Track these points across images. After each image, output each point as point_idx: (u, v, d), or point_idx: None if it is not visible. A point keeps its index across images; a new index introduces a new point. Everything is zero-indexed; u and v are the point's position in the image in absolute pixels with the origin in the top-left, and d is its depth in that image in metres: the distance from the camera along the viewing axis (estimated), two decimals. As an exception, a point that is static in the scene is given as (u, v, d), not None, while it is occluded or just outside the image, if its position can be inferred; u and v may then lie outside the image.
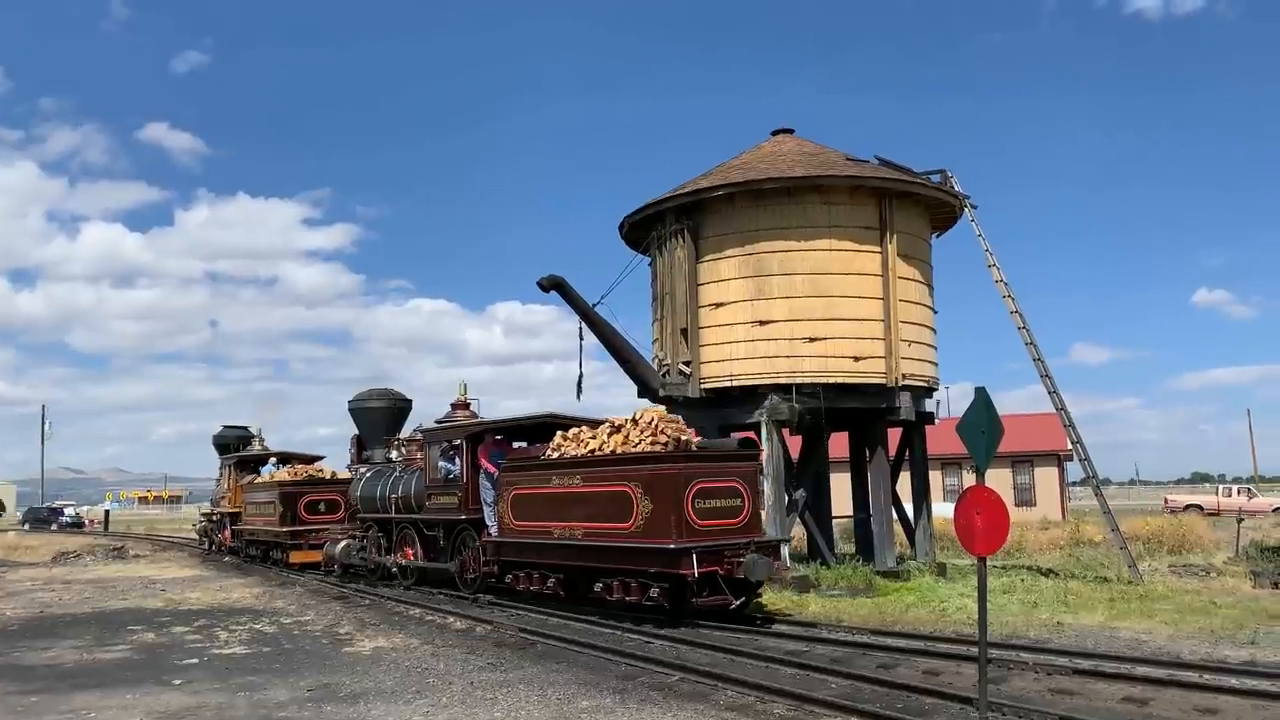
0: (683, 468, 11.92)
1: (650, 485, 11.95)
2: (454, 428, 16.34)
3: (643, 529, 11.93)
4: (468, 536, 15.49)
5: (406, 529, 17.25)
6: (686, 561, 11.42)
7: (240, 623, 13.44)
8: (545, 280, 18.66)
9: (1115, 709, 7.38)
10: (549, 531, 13.47)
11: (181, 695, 8.82)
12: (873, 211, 18.74)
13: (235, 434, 30.25)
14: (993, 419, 6.39)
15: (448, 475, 15.78)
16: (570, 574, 13.40)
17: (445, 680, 9.13)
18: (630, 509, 12.13)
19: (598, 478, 12.84)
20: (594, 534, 12.74)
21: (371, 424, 20.68)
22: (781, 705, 7.73)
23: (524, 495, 14.09)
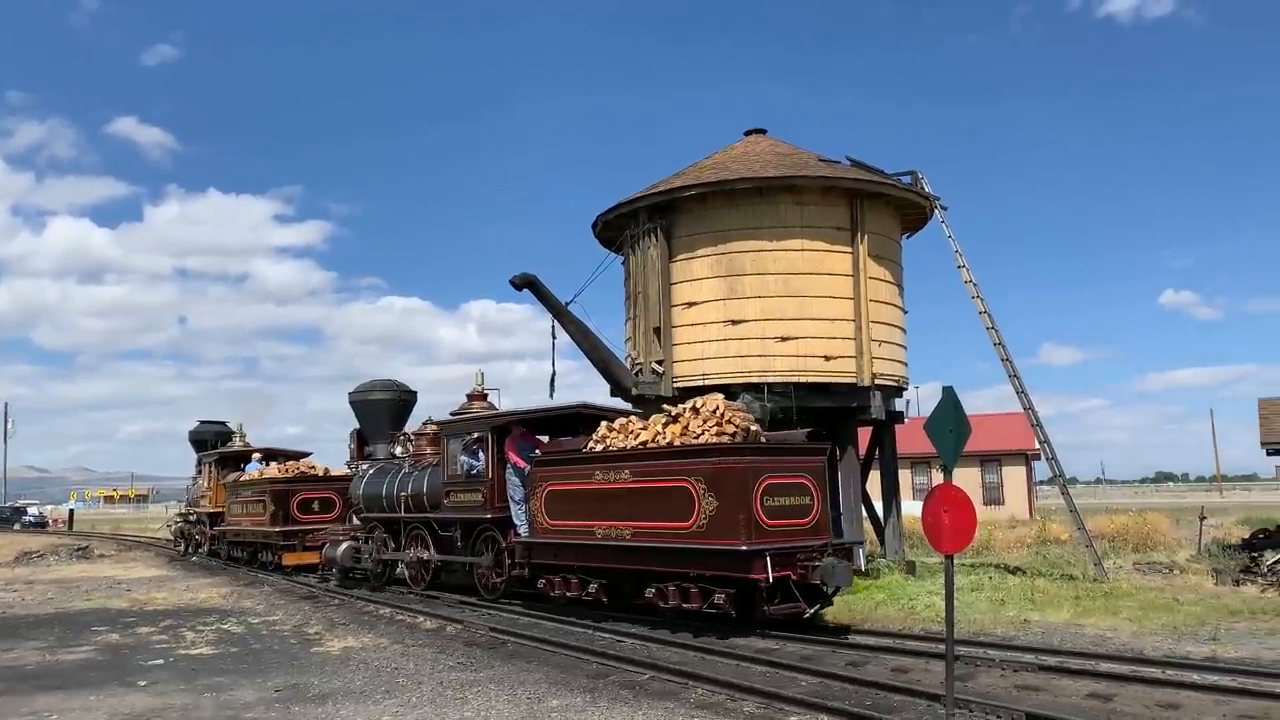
0: (752, 461, 10.82)
1: (716, 480, 10.81)
2: (477, 419, 15.14)
3: (705, 529, 10.82)
4: (491, 537, 14.48)
5: (418, 530, 16.31)
6: (759, 565, 10.35)
7: (207, 623, 13.30)
8: (518, 278, 18.61)
9: (1080, 705, 7.47)
10: (590, 531, 12.31)
11: (146, 696, 8.71)
12: (844, 212, 18.86)
13: (214, 430, 28.99)
14: (960, 418, 6.45)
15: (470, 471, 14.60)
16: (614, 578, 12.29)
17: (415, 680, 9.09)
18: (691, 507, 11.03)
19: (651, 472, 11.66)
20: (646, 534, 11.58)
21: (374, 417, 19.53)
22: (752, 703, 7.76)
23: (561, 492, 12.93)
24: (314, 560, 19.42)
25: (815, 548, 10.90)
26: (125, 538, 41.00)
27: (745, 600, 10.81)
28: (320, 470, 21.89)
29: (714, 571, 10.80)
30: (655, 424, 12.10)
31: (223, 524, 24.17)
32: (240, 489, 22.98)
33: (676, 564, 11.23)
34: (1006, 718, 6.97)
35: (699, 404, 11.77)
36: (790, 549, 10.70)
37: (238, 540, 23.16)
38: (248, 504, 22.39)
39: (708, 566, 10.87)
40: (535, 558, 13.35)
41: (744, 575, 10.50)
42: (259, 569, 21.43)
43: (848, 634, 10.96)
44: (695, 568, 11.02)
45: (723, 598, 10.68)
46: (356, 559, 17.59)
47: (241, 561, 22.70)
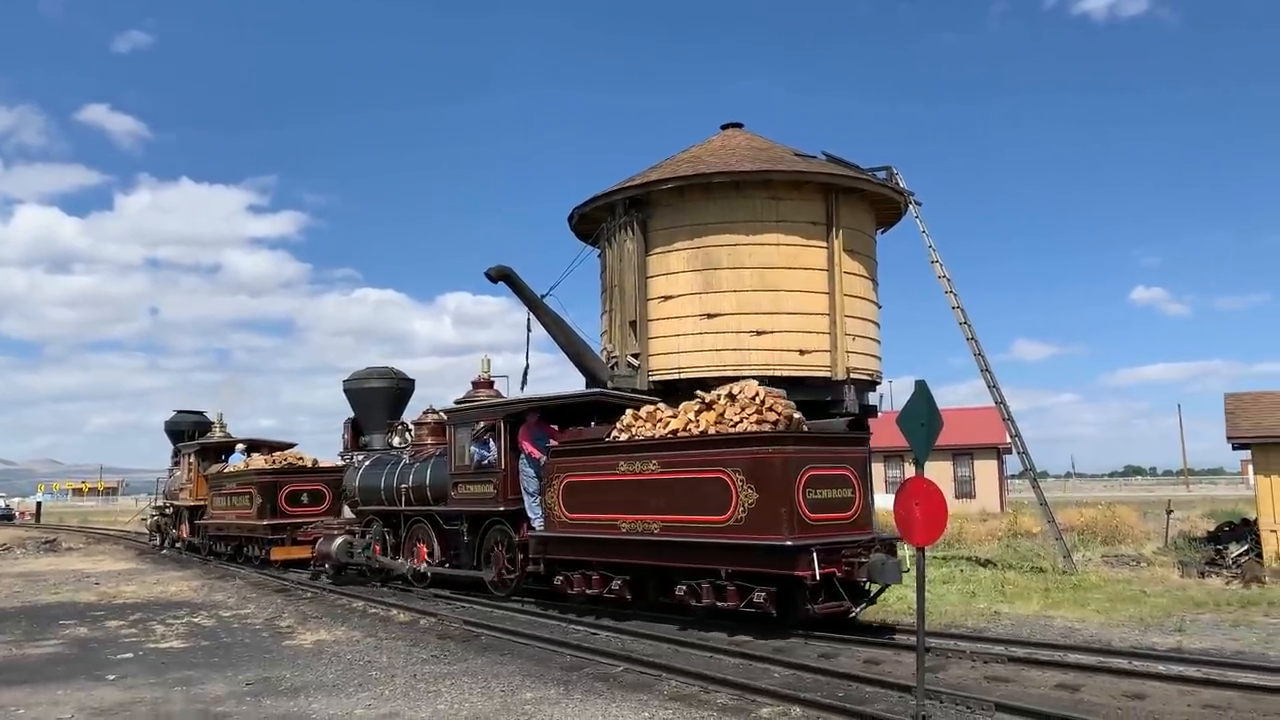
0: (795, 451, 10.19)
1: (755, 471, 10.16)
2: (488, 406, 14.37)
3: (744, 523, 10.19)
4: (502, 531, 13.72)
5: (420, 524, 15.49)
6: (804, 561, 9.74)
7: (177, 616, 13.18)
8: (493, 271, 18.56)
9: (1048, 695, 7.57)
10: (615, 525, 11.62)
11: (115, 690, 8.63)
12: (819, 207, 18.94)
13: (191, 420, 27.71)
14: (932, 412, 6.50)
15: (480, 461, 13.78)
16: (639, 574, 11.66)
17: (388, 673, 9.06)
18: (728, 499, 10.35)
19: (683, 462, 10.99)
20: (676, 528, 10.92)
21: (370, 406, 18.66)
22: (724, 695, 7.80)
23: (581, 483, 12.20)
24: (304, 555, 18.57)
25: (860, 543, 10.31)
26: (94, 531, 40.53)
27: (786, 599, 10.22)
28: (309, 461, 21.04)
29: (753, 568, 10.20)
30: (687, 411, 11.40)
31: (205, 517, 23.11)
32: (224, 481, 22.00)
33: (711, 560, 10.57)
34: (977, 708, 7.05)
35: (735, 390, 11.09)
36: (834, 544, 10.08)
37: (221, 534, 22.21)
38: (232, 496, 21.45)
39: (746, 563, 10.24)
40: (551, 553, 12.63)
41: (787, 572, 9.88)
42: (244, 564, 20.59)
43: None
44: (732, 564, 10.36)
45: (763, 596, 10.02)
46: (351, 554, 16.77)
47: (225, 556, 21.78)
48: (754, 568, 10.19)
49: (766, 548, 10.00)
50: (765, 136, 21.14)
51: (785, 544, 9.80)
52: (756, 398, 10.77)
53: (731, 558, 10.37)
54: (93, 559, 24.88)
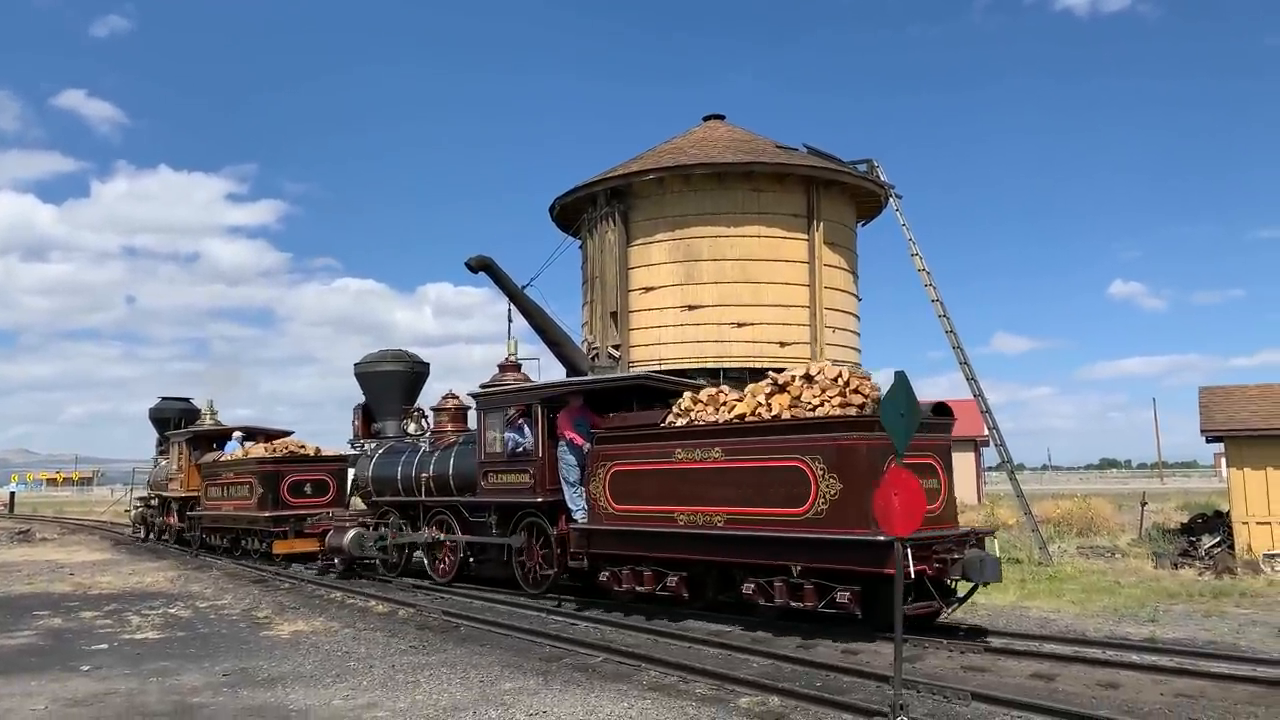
0: (883, 437, 8.99)
1: (840, 459, 9.31)
2: (525, 390, 13.50)
3: (825, 515, 9.33)
4: (536, 524, 12.86)
5: (442, 516, 14.61)
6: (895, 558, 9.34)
7: (153, 607, 13.08)
8: (474, 260, 18.48)
9: (1024, 684, 7.64)
10: (670, 517, 10.78)
11: (90, 681, 8.55)
12: (800, 199, 18.99)
13: (177, 407, 26.73)
14: (911, 403, 6.53)
15: (515, 449, 12.93)
16: (697, 571, 10.89)
17: (366, 663, 9.03)
18: (806, 490, 9.48)
19: (752, 450, 10.09)
20: (744, 521, 10.03)
21: (383, 391, 17.77)
22: (703, 685, 7.82)
23: (631, 473, 11.32)
24: (310, 548, 17.66)
25: (951, 538, 9.57)
26: (69, 521, 40.16)
27: (870, 599, 9.37)
28: (311, 450, 19.94)
29: (835, 565, 9.36)
30: (757, 394, 10.44)
31: (198, 509, 21.85)
32: (220, 470, 20.79)
33: (784, 556, 9.72)
34: (953, 698, 7.10)
35: (813, 371, 10.21)
36: (926, 539, 9.18)
37: (216, 526, 21.03)
38: (229, 486, 20.24)
39: (827, 559, 9.39)
40: (595, 547, 11.73)
41: (876, 570, 8.99)
42: (241, 557, 19.56)
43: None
44: (809, 560, 9.53)
45: (846, 596, 9.20)
46: (364, 547, 15.77)
47: (219, 550, 20.70)
48: (836, 564, 9.34)
49: (852, 543, 9.12)
50: (747, 129, 21.16)
51: (877, 539, 8.75)
52: (839, 379, 9.82)
53: (810, 553, 9.51)
54: (67, 550, 24.63)
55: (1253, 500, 15.35)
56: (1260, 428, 15.36)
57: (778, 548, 9.78)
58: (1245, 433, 15.47)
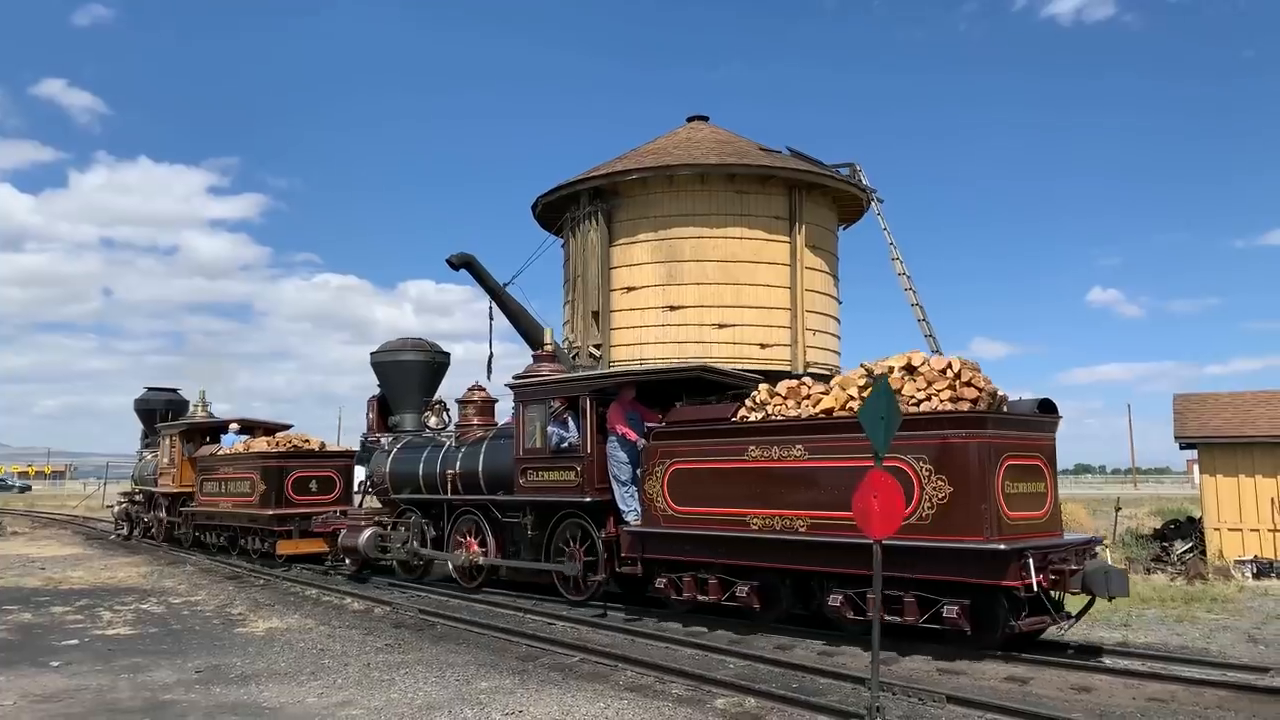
0: (995, 435, 8.51)
1: (948, 459, 8.48)
2: (571, 381, 12.53)
3: (931, 521, 8.51)
4: (579, 525, 11.92)
5: (470, 515, 13.64)
6: (1016, 568, 8.16)
7: (125, 603, 12.95)
8: (455, 258, 18.44)
9: (998, 688, 7.68)
10: (742, 521, 9.90)
11: (60, 677, 8.45)
12: (783, 202, 19.06)
13: (164, 398, 25.74)
14: (891, 406, 6.56)
15: (560, 444, 11.99)
16: (771, 580, 10.03)
17: (341, 661, 8.97)
18: (907, 492, 8.50)
19: (843, 448, 9.15)
20: (831, 526, 9.09)
21: (402, 382, 16.89)
22: (680, 685, 7.82)
23: (694, 471, 10.46)
24: (316, 549, 16.94)
25: (1069, 547, 8.81)
26: (40, 515, 39.71)
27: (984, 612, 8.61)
28: (316, 444, 18.94)
29: (942, 576, 8.51)
30: (847, 385, 9.58)
31: (194, 505, 20.62)
32: (218, 464, 19.70)
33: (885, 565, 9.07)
34: (929, 700, 7.14)
35: (915, 361, 9.23)
36: (1043, 548, 8.51)
37: (211, 524, 19.95)
38: (228, 482, 19.16)
39: (933, 569, 8.52)
40: (651, 551, 10.91)
41: (992, 582, 8.28)
42: (239, 557, 18.54)
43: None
44: (911, 571, 8.62)
45: (955, 611, 8.38)
46: (384, 548, 14.83)
47: (215, 549, 19.64)
48: (944, 575, 8.50)
49: (965, 552, 8.32)
50: (730, 130, 21.20)
51: (998, 547, 8.15)
52: (949, 370, 8.93)
53: (912, 563, 8.59)
54: (38, 544, 24.35)
55: (1224, 506, 15.54)
56: (1232, 435, 15.55)
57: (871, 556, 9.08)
58: (1217, 439, 15.66)
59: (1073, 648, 9.07)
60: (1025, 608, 8.55)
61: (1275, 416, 15.67)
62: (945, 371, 8.93)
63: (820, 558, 9.31)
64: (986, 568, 8.27)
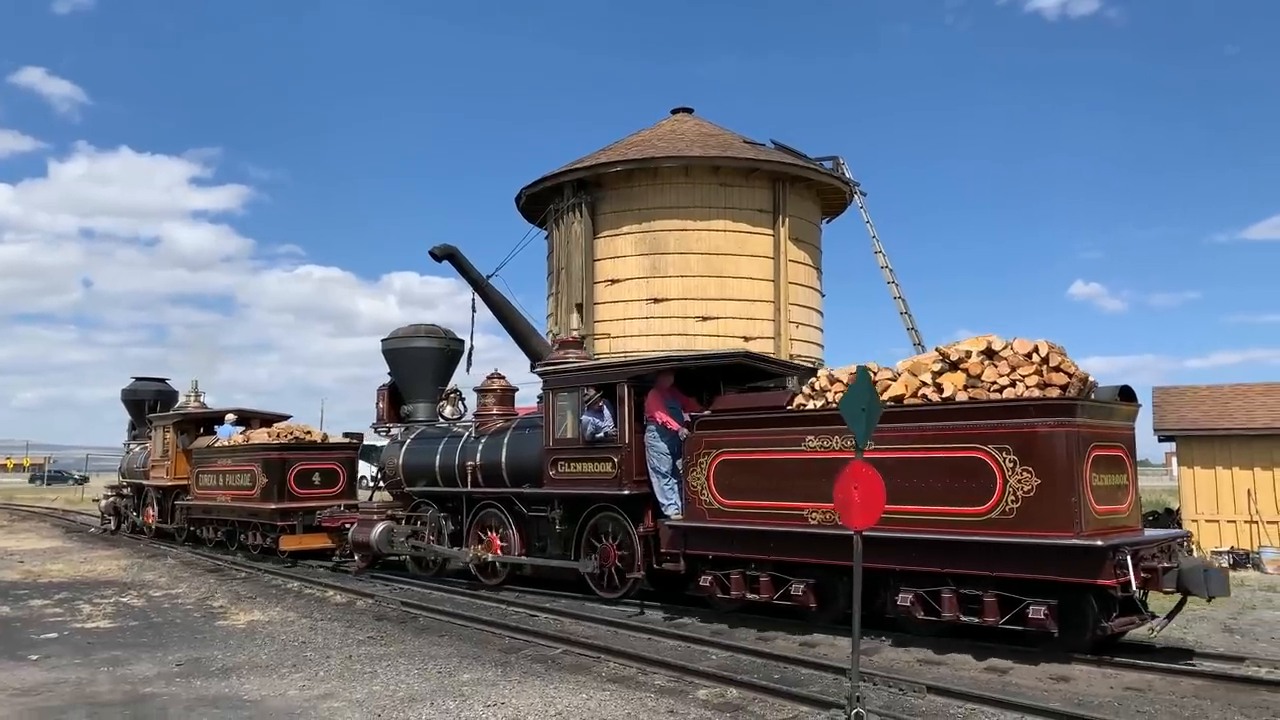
0: (1084, 424, 8.03)
1: (1035, 450, 7.96)
2: (607, 368, 11.97)
3: (1015, 516, 7.99)
4: (614, 519, 11.35)
5: (492, 509, 13.01)
6: (1111, 566, 7.69)
7: (105, 596, 12.87)
8: (438, 249, 18.36)
9: (978, 678, 7.74)
10: (799, 515, 9.35)
11: (38, 670, 8.40)
12: (767, 195, 19.09)
13: (153, 389, 24.80)
14: (872, 398, 6.58)
15: (594, 434, 11.38)
16: (828, 577, 9.48)
17: (323, 654, 8.95)
18: (990, 485, 8.13)
19: (915, 437, 8.63)
20: (901, 521, 8.49)
21: (415, 371, 16.15)
22: (662, 676, 7.85)
23: (743, 463, 9.87)
24: (320, 544, 16.32)
25: (1154, 543, 8.33)
26: (19, 508, 39.36)
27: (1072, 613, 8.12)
28: (318, 436, 18.36)
29: (1028, 574, 8.01)
30: (919, 371, 9.00)
31: (190, 498, 19.87)
32: (215, 457, 18.97)
33: (959, 563, 8.34)
34: (909, 690, 7.19)
35: (996, 345, 8.65)
36: (1135, 544, 8.05)
37: (208, 519, 19.22)
38: (226, 474, 18.42)
39: (1019, 567, 8.03)
40: (693, 547, 10.37)
41: (1086, 581, 7.82)
42: (237, 552, 17.90)
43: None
44: (992, 568, 8.16)
45: (1043, 611, 7.91)
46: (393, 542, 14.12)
47: (211, 544, 18.96)
48: (1029, 574, 8.00)
49: (1054, 548, 7.83)
50: (715, 122, 21.20)
51: (1094, 544, 7.69)
52: (1035, 354, 8.34)
53: (992, 561, 8.13)
54: (17, 537, 24.14)
55: (1202, 498, 15.70)
56: (1209, 427, 15.71)
57: (947, 553, 8.38)
58: (1195, 432, 15.81)
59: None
60: (1116, 608, 8.11)
61: (1252, 409, 15.84)
62: (1031, 356, 8.37)
63: (890, 555, 8.68)
64: (1079, 565, 7.79)
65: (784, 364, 11.46)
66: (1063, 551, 7.82)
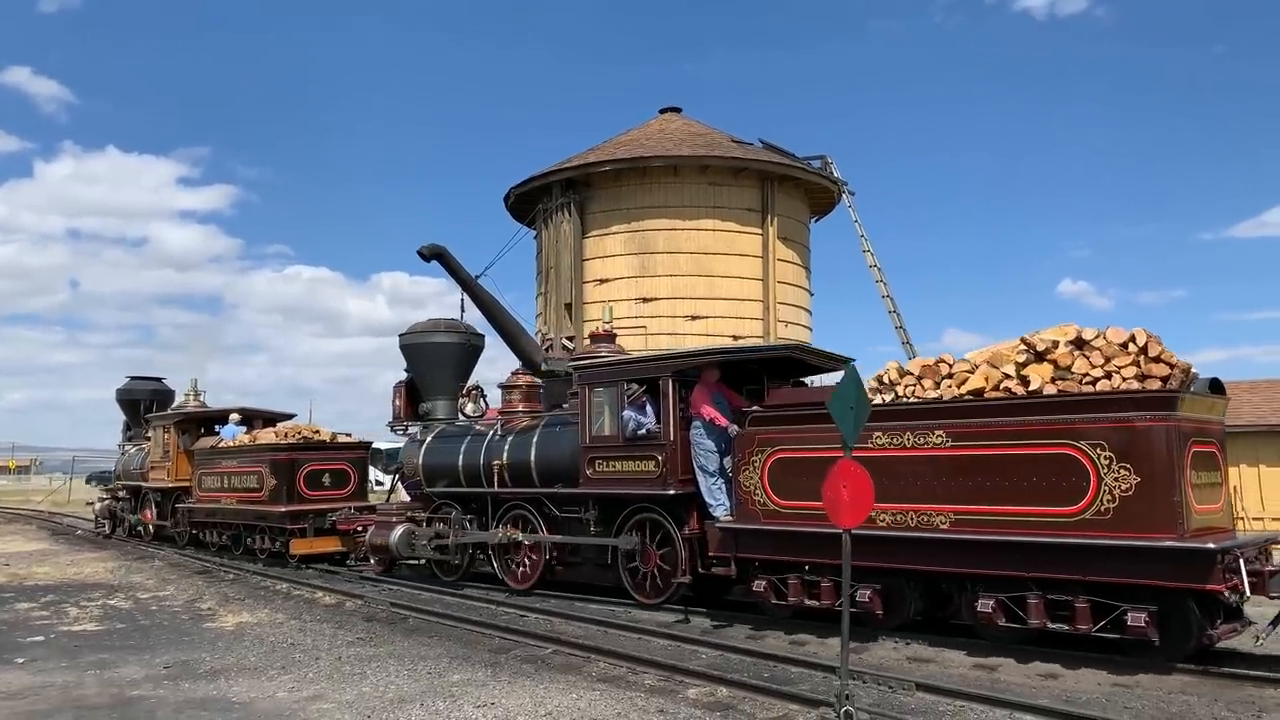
0: (1184, 419, 7.57)
1: (1134, 446, 7.48)
2: (649, 361, 11.40)
3: (1112, 516, 7.54)
4: (654, 521, 10.87)
5: (520, 511, 12.53)
6: (1220, 570, 7.26)
7: (93, 599, 12.80)
8: (426, 249, 18.30)
9: (967, 675, 7.77)
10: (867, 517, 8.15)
11: (25, 674, 8.35)
12: (755, 194, 19.13)
13: (149, 388, 24.16)
14: (861, 395, 6.59)
15: (636, 431, 10.91)
16: (893, 582, 9.02)
17: (312, 655, 8.92)
18: (1082, 484, 7.68)
19: (995, 433, 8.17)
20: (981, 522, 8.13)
21: (434, 366, 15.48)
22: (652, 676, 7.85)
23: (802, 461, 9.31)
24: (332, 548, 15.95)
25: (1253, 545, 7.85)
26: (4, 510, 39.12)
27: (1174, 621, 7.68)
28: (327, 435, 17.71)
29: (1124, 579, 7.57)
30: (1000, 363, 8.47)
31: (193, 501, 19.25)
32: (220, 458, 18.33)
33: (1046, 566, 7.87)
34: (898, 688, 7.21)
35: (1087, 335, 8.15)
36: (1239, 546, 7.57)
37: (211, 522, 18.59)
38: (232, 476, 17.80)
39: (1112, 571, 7.59)
40: (745, 550, 9.86)
41: (1193, 585, 7.35)
42: (242, 556, 17.37)
43: None
44: (1084, 572, 7.71)
45: (1143, 618, 7.44)
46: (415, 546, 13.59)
47: (214, 548, 18.42)
48: (1127, 579, 7.56)
49: (1156, 551, 7.37)
50: (703, 122, 21.23)
51: (1204, 546, 7.24)
52: (1131, 344, 7.86)
53: (1085, 564, 7.68)
54: (3, 539, 23.99)
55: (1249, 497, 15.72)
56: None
57: (1032, 556, 7.92)
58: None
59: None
60: (1221, 615, 7.74)
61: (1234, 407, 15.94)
62: (1128, 346, 7.89)
63: (969, 558, 8.27)
64: (1185, 570, 7.34)
65: (834, 357, 11.18)
66: (1167, 555, 7.37)
